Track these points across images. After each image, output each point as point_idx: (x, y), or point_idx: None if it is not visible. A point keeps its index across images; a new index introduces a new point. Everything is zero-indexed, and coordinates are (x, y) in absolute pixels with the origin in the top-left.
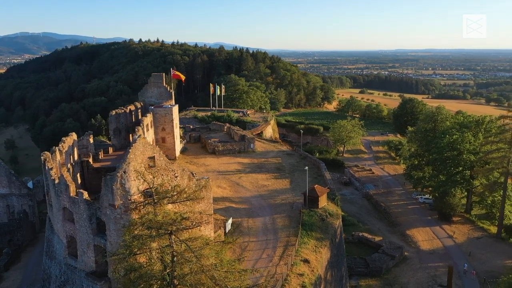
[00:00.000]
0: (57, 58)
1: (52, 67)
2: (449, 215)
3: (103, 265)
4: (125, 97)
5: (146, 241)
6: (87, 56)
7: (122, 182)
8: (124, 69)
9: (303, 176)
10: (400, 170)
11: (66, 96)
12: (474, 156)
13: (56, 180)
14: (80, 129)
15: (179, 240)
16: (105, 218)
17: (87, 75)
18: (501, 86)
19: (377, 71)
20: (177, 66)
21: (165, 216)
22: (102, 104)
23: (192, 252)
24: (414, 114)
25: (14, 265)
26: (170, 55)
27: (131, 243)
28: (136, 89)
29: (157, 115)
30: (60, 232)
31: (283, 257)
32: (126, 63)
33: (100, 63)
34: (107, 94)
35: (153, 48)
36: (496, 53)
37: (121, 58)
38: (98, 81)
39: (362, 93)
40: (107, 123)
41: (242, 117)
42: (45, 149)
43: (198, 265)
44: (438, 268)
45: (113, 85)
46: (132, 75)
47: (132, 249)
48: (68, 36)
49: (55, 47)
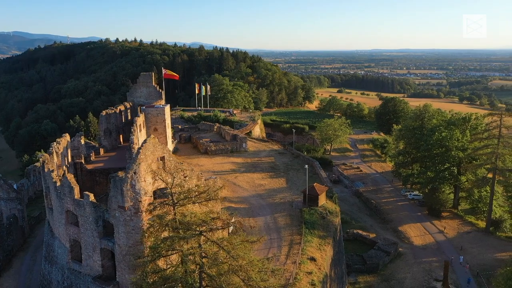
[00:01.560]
0: (30, 58)
1: (25, 67)
2: (438, 210)
3: (110, 269)
4: (104, 98)
5: (175, 242)
6: (62, 56)
7: (132, 183)
8: (101, 69)
9: (298, 174)
10: (387, 168)
11: (41, 97)
12: (462, 152)
13: (57, 182)
14: (58, 130)
15: (210, 241)
16: (113, 220)
17: (62, 76)
18: (472, 85)
19: (354, 70)
20: (157, 66)
21: (192, 216)
22: (80, 104)
23: (227, 252)
24: (396, 113)
25: (6, 271)
26: (149, 55)
27: (158, 245)
28: (114, 89)
29: (149, 115)
30: (62, 236)
31: (289, 255)
32: (103, 63)
33: (76, 63)
34: (85, 95)
35: (131, 47)
36: (467, 53)
37: (97, 58)
38: (75, 81)
39: (340, 92)
40: (86, 124)
41: (229, 116)
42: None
43: (236, 265)
44: (432, 263)
45: (91, 85)
46: (111, 75)
47: (160, 251)
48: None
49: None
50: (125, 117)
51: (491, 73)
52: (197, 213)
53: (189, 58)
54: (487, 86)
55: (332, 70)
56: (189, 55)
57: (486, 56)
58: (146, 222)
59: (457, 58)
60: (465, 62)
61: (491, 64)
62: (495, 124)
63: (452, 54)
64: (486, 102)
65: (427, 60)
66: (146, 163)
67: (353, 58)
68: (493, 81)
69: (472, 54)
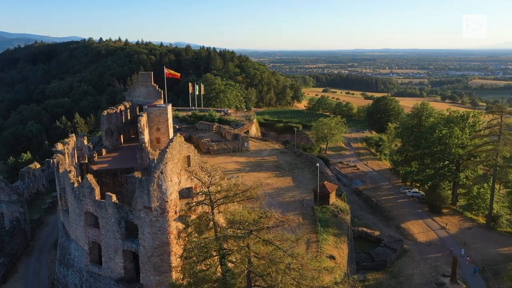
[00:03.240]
0: (10, 57)
1: (5, 67)
2: (439, 207)
3: (131, 271)
4: (90, 98)
5: (224, 242)
6: (43, 55)
7: (159, 183)
8: (86, 69)
9: (303, 173)
10: (383, 166)
11: (24, 97)
12: (462, 150)
13: (75, 183)
14: (43, 131)
15: (262, 240)
16: (138, 221)
17: (45, 76)
18: (453, 84)
19: (338, 70)
20: (144, 66)
21: (242, 215)
22: (65, 105)
23: (284, 251)
24: (387, 111)
25: (12, 276)
26: (135, 55)
27: (207, 245)
28: (101, 89)
29: (151, 114)
30: (80, 238)
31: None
32: (88, 63)
33: (59, 63)
34: (70, 95)
35: (117, 47)
36: (446, 53)
37: (81, 58)
38: (59, 81)
39: (325, 91)
40: (73, 125)
41: (224, 116)
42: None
43: (292, 263)
44: (438, 259)
45: (76, 85)
46: (96, 75)
47: (209, 251)
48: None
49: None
50: (125, 117)
51: (471, 72)
52: (244, 212)
53: (176, 58)
54: (467, 85)
55: (316, 69)
56: (176, 54)
57: (464, 55)
58: (172, 222)
59: (438, 57)
60: (445, 61)
61: (470, 64)
62: (496, 121)
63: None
64: (467, 100)
65: (409, 60)
66: (173, 163)
67: (336, 58)
68: (473, 80)
69: (451, 54)
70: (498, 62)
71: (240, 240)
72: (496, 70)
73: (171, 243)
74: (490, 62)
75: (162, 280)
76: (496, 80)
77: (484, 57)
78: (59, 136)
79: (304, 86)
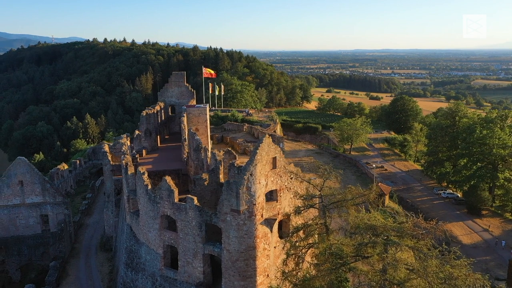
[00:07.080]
0: (14, 58)
1: (9, 67)
2: (479, 209)
3: (209, 275)
4: (99, 99)
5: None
6: (48, 56)
7: (248, 186)
8: (94, 69)
9: (346, 174)
10: (411, 167)
11: (32, 98)
12: (503, 150)
13: (149, 185)
14: (54, 132)
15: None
16: (223, 225)
17: (52, 76)
18: (456, 84)
19: (339, 70)
20: (152, 66)
21: (376, 221)
22: (75, 106)
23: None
24: (405, 111)
25: (64, 279)
26: (143, 55)
27: (342, 252)
28: (109, 90)
29: (190, 115)
30: (153, 242)
31: None
32: (95, 64)
33: (65, 64)
34: (79, 96)
35: (123, 47)
36: (447, 53)
37: (87, 58)
38: (67, 82)
39: (329, 92)
40: (84, 126)
41: (246, 116)
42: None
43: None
44: (488, 262)
45: (85, 86)
46: (105, 76)
47: (346, 259)
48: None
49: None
50: (160, 117)
51: (472, 72)
52: (377, 217)
53: (184, 58)
54: (470, 86)
55: (317, 70)
56: (183, 55)
57: (465, 56)
58: (259, 226)
59: (438, 58)
60: (446, 62)
61: (471, 64)
62: None
63: (433, 54)
64: (472, 101)
65: (409, 60)
66: (261, 164)
67: (337, 58)
68: (476, 81)
69: (452, 54)
70: (499, 63)
71: (378, 247)
72: (498, 71)
73: (258, 247)
74: (491, 62)
75: (246, 285)
76: (499, 81)
77: (485, 57)
78: (70, 136)
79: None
